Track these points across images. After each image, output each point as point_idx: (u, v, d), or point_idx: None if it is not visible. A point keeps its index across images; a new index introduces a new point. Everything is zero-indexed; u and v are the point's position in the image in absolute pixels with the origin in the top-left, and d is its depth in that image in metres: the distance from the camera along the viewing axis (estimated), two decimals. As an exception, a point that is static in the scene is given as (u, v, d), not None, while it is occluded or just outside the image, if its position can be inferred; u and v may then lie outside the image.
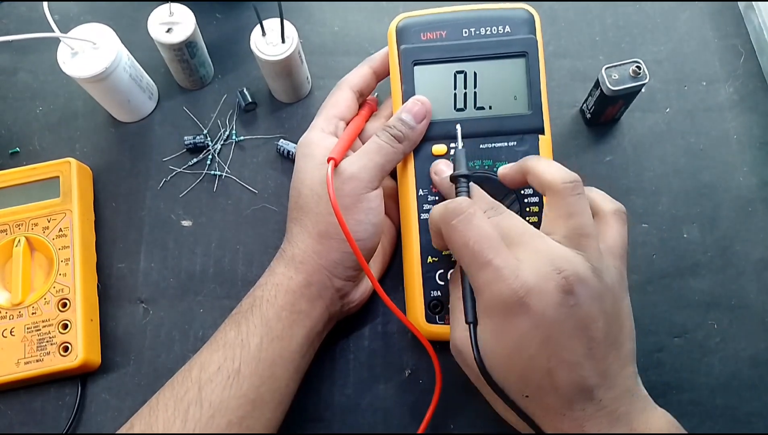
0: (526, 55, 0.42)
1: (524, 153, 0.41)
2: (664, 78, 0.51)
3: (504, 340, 0.31)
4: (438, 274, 0.41)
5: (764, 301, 0.45)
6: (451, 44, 0.42)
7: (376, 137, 0.40)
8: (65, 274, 0.44)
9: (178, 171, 0.49)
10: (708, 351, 0.44)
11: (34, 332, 0.43)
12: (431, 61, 0.42)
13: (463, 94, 0.42)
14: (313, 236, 0.39)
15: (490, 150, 0.41)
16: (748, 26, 0.53)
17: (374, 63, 0.44)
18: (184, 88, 0.52)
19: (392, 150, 0.39)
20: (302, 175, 0.40)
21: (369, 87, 0.45)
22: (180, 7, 0.46)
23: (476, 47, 0.42)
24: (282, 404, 0.37)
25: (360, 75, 0.44)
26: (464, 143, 0.40)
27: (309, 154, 0.40)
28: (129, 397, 0.44)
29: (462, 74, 0.42)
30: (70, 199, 0.46)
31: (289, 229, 0.41)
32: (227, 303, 0.46)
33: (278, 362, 0.36)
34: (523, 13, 0.43)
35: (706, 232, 0.47)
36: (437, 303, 0.41)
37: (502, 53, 0.42)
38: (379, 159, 0.39)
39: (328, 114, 0.42)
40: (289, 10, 0.53)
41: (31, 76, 0.53)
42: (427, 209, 0.41)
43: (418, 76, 0.42)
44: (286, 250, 0.40)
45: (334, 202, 0.36)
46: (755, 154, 0.49)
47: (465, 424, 0.42)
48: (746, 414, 0.42)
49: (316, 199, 0.39)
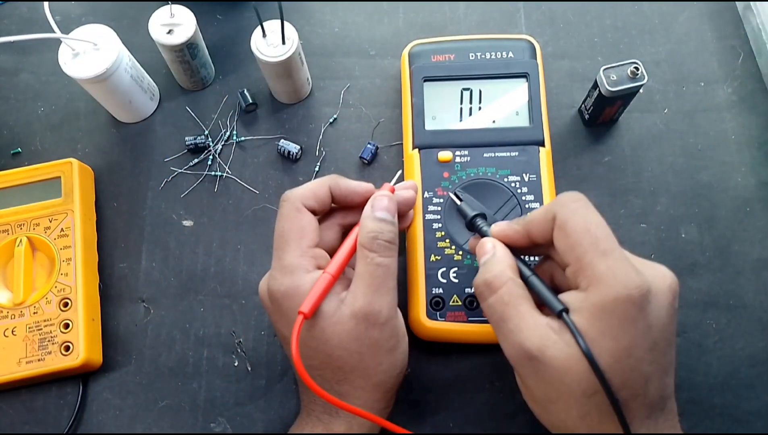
0: (527, 75, 0.46)
1: (525, 163, 0.44)
2: (662, 79, 0.52)
3: (616, 339, 0.28)
4: (440, 272, 0.42)
5: (762, 300, 0.45)
6: (458, 65, 0.47)
7: (376, 257, 0.34)
8: (67, 273, 0.44)
9: (180, 171, 0.50)
10: (706, 350, 0.44)
11: (36, 332, 0.43)
12: (440, 78, 0.46)
13: (469, 109, 0.46)
14: (368, 390, 0.35)
15: (494, 159, 0.44)
16: (746, 27, 0.53)
17: (335, 184, 0.38)
18: (186, 89, 0.53)
19: (394, 262, 0.35)
20: (321, 334, 0.34)
21: (324, 205, 0.38)
22: (181, 9, 0.47)
23: (482, 68, 0.47)
24: None
25: (312, 191, 0.37)
26: (468, 152, 0.44)
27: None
28: (130, 396, 0.44)
29: (468, 91, 0.46)
30: (71, 199, 0.46)
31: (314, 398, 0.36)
32: (228, 302, 0.46)
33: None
34: (526, 42, 0.48)
35: (704, 232, 0.47)
36: (439, 300, 0.41)
37: (506, 73, 0.46)
38: (393, 283, 0.35)
39: (301, 245, 0.35)
40: (289, 11, 0.54)
41: (33, 77, 0.53)
42: (432, 211, 0.43)
43: (428, 91, 0.46)
44: (334, 424, 0.36)
45: (297, 358, 0.32)
46: (753, 154, 0.49)
47: (465, 423, 0.43)
48: (744, 413, 0.43)
49: (356, 356, 0.34)
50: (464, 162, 0.44)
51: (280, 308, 0.35)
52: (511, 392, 0.43)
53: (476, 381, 0.43)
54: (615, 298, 0.28)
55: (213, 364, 0.45)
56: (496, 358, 0.44)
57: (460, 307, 0.41)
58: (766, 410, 0.42)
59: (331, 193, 0.37)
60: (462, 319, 0.41)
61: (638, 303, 0.28)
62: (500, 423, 0.43)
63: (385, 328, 0.34)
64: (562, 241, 0.31)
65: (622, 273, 0.28)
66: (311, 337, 0.34)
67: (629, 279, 0.28)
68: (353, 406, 0.33)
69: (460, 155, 0.44)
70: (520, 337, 0.30)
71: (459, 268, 0.42)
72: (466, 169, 0.44)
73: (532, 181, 0.43)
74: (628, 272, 0.28)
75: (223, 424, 0.43)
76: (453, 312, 0.41)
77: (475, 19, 0.54)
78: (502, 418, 0.43)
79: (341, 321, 0.34)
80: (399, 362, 0.36)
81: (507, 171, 0.44)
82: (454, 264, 0.42)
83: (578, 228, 0.30)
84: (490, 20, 0.54)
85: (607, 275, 0.28)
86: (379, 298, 0.34)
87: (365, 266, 0.34)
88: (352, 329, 0.34)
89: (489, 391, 0.43)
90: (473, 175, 0.44)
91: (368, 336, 0.34)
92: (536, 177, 0.43)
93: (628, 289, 0.28)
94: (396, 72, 0.51)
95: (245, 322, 0.46)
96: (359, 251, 0.35)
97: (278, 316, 0.36)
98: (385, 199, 0.36)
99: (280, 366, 0.44)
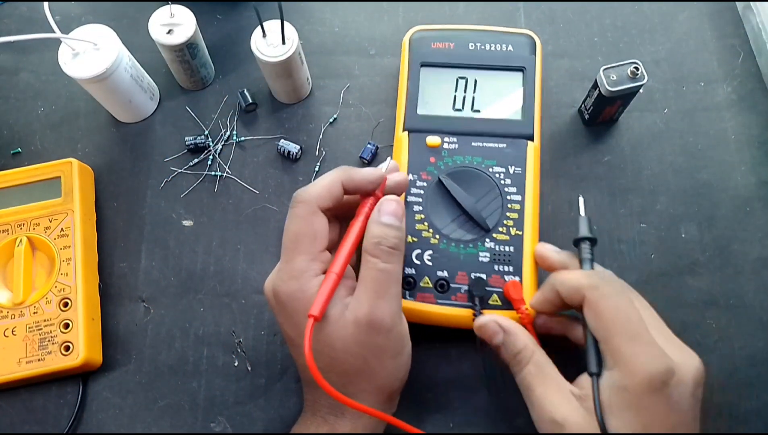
0: (524, 70, 0.47)
1: (513, 156, 0.44)
2: (662, 78, 0.51)
3: (636, 418, 0.30)
4: (415, 253, 0.42)
5: (762, 299, 0.45)
6: (457, 53, 0.47)
7: (379, 262, 0.34)
8: (67, 273, 0.44)
9: (179, 171, 0.50)
10: (706, 350, 0.44)
11: (36, 331, 0.43)
12: (437, 65, 0.47)
13: (462, 97, 0.46)
14: (373, 393, 0.36)
15: (482, 149, 0.45)
16: (746, 26, 0.53)
17: (347, 178, 0.37)
18: (186, 88, 0.53)
19: (399, 267, 0.35)
20: (326, 338, 0.34)
21: (338, 202, 0.37)
22: (181, 9, 0.47)
23: (480, 58, 0.47)
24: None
25: (328, 190, 0.36)
26: (457, 140, 0.44)
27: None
28: (130, 395, 0.44)
29: (464, 80, 0.47)
30: (71, 199, 0.46)
31: (320, 400, 0.37)
32: (227, 302, 0.46)
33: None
34: (527, 37, 0.48)
35: (704, 231, 0.47)
36: (410, 280, 0.42)
37: (503, 65, 0.47)
38: (396, 289, 0.35)
39: (313, 250, 0.35)
40: (289, 10, 0.54)
41: (33, 77, 0.53)
42: (414, 193, 0.44)
43: (424, 76, 0.47)
44: (338, 425, 0.36)
45: (310, 359, 0.32)
46: (753, 153, 0.49)
47: (465, 423, 0.43)
48: (744, 412, 0.43)
49: (361, 361, 0.35)
50: (452, 149, 0.45)
51: (286, 310, 0.35)
52: (511, 392, 0.42)
53: (476, 381, 0.43)
54: (639, 381, 0.30)
55: (213, 363, 0.45)
56: (496, 357, 0.44)
57: (430, 289, 0.42)
58: (766, 410, 0.42)
59: (343, 187, 0.37)
60: (431, 300, 0.41)
61: (659, 387, 0.30)
62: (500, 423, 0.43)
63: (390, 334, 0.35)
64: (592, 320, 0.33)
65: (648, 359, 0.30)
66: (316, 341, 0.34)
67: (653, 365, 0.30)
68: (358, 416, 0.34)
69: (448, 142, 0.45)
70: (547, 406, 0.33)
71: (434, 252, 0.42)
72: (453, 156, 0.44)
73: (517, 174, 0.44)
74: (653, 358, 0.30)
75: (223, 424, 0.43)
76: (423, 293, 0.42)
77: (474, 18, 0.54)
78: (502, 418, 0.43)
79: (346, 326, 0.34)
80: (403, 366, 0.36)
81: (493, 162, 0.44)
82: (429, 247, 0.42)
83: (608, 312, 0.32)
84: (490, 18, 0.54)
85: (632, 360, 0.31)
86: (382, 304, 0.34)
87: (368, 272, 0.34)
88: (356, 335, 0.34)
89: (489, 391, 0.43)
90: (459, 163, 0.44)
91: (372, 342, 0.34)
92: (521, 170, 0.44)
93: (651, 374, 0.30)
94: (396, 71, 0.51)
95: (245, 322, 0.46)
96: (363, 256, 0.35)
97: (283, 317, 0.36)
98: (393, 203, 0.36)
99: (279, 365, 0.44)
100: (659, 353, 0.30)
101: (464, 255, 0.42)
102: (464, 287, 0.41)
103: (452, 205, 0.43)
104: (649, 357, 0.30)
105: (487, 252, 0.42)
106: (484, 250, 0.42)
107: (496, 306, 0.41)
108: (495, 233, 0.42)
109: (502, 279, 0.41)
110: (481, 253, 0.42)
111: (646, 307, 0.35)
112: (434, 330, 0.42)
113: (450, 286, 0.41)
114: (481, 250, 0.42)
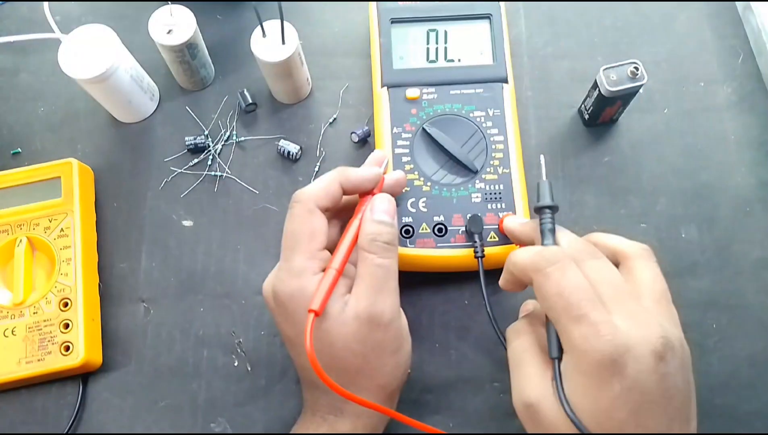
0: (491, 17, 0.48)
1: (490, 99, 0.46)
2: (662, 79, 0.51)
3: (596, 401, 0.29)
4: (409, 202, 0.43)
5: (762, 300, 0.45)
6: (424, 7, 0.49)
7: (375, 258, 0.35)
8: (67, 274, 0.44)
9: (179, 171, 0.50)
10: (706, 350, 0.44)
11: (36, 332, 0.43)
12: (406, 20, 0.48)
13: (435, 49, 0.48)
14: (373, 391, 0.36)
15: (460, 96, 0.46)
16: (746, 27, 0.53)
17: (345, 178, 0.38)
18: (185, 89, 0.53)
19: (395, 263, 0.36)
20: (326, 336, 0.34)
21: (336, 202, 0.38)
22: (180, 9, 0.47)
23: (447, 10, 0.49)
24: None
25: (326, 190, 0.37)
26: (435, 90, 0.46)
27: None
28: (130, 396, 0.44)
29: (434, 32, 0.48)
30: (71, 199, 0.46)
31: (320, 399, 0.37)
32: (228, 302, 0.46)
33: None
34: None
35: (704, 232, 0.47)
36: (409, 228, 0.43)
37: (470, 15, 0.48)
38: (394, 283, 0.35)
39: (311, 249, 0.35)
40: (289, 11, 0.53)
41: (33, 77, 0.53)
42: (400, 145, 0.45)
43: (395, 32, 0.48)
44: (339, 424, 0.36)
45: (312, 355, 0.32)
46: (753, 154, 0.49)
47: (465, 423, 0.43)
48: (745, 413, 0.43)
49: (361, 358, 0.35)
50: (431, 99, 0.46)
51: (286, 310, 0.35)
52: (511, 392, 0.42)
53: (476, 381, 0.43)
54: (589, 362, 0.29)
55: (213, 364, 0.45)
56: (496, 358, 0.44)
57: (429, 235, 0.43)
58: (766, 410, 0.43)
59: (341, 187, 0.37)
60: (431, 245, 0.42)
61: (609, 367, 0.28)
62: (500, 423, 0.43)
63: (389, 329, 0.35)
64: (540, 303, 0.32)
65: (593, 339, 0.29)
66: (316, 339, 0.34)
67: (599, 344, 0.29)
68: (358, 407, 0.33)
69: (427, 93, 0.46)
70: (525, 385, 0.32)
71: (427, 198, 0.43)
72: (433, 105, 0.46)
73: (497, 116, 0.45)
74: (598, 338, 0.29)
75: (223, 424, 0.43)
76: (422, 239, 0.43)
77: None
78: (502, 418, 0.43)
79: (346, 323, 0.34)
80: (402, 363, 0.37)
81: (472, 107, 0.46)
82: (422, 194, 0.43)
83: (550, 294, 0.31)
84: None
85: (579, 342, 0.29)
86: (381, 299, 0.34)
87: (366, 268, 0.35)
88: (356, 331, 0.34)
89: (489, 391, 0.43)
90: (440, 111, 0.46)
91: (372, 338, 0.34)
92: (500, 112, 0.46)
93: (601, 354, 0.28)
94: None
95: (245, 322, 0.46)
96: (360, 253, 0.35)
97: (283, 317, 0.36)
98: (385, 201, 0.37)
99: (280, 366, 0.44)
100: (607, 331, 0.29)
101: (457, 198, 0.43)
102: (461, 229, 0.43)
103: (439, 152, 0.45)
104: (595, 337, 0.29)
105: (478, 192, 0.43)
106: (476, 190, 0.44)
107: (494, 243, 0.42)
108: (483, 174, 0.44)
109: (496, 216, 0.43)
110: (473, 194, 0.43)
111: (610, 269, 0.33)
112: (434, 329, 0.42)
113: (448, 229, 0.43)
114: (472, 191, 0.44)
